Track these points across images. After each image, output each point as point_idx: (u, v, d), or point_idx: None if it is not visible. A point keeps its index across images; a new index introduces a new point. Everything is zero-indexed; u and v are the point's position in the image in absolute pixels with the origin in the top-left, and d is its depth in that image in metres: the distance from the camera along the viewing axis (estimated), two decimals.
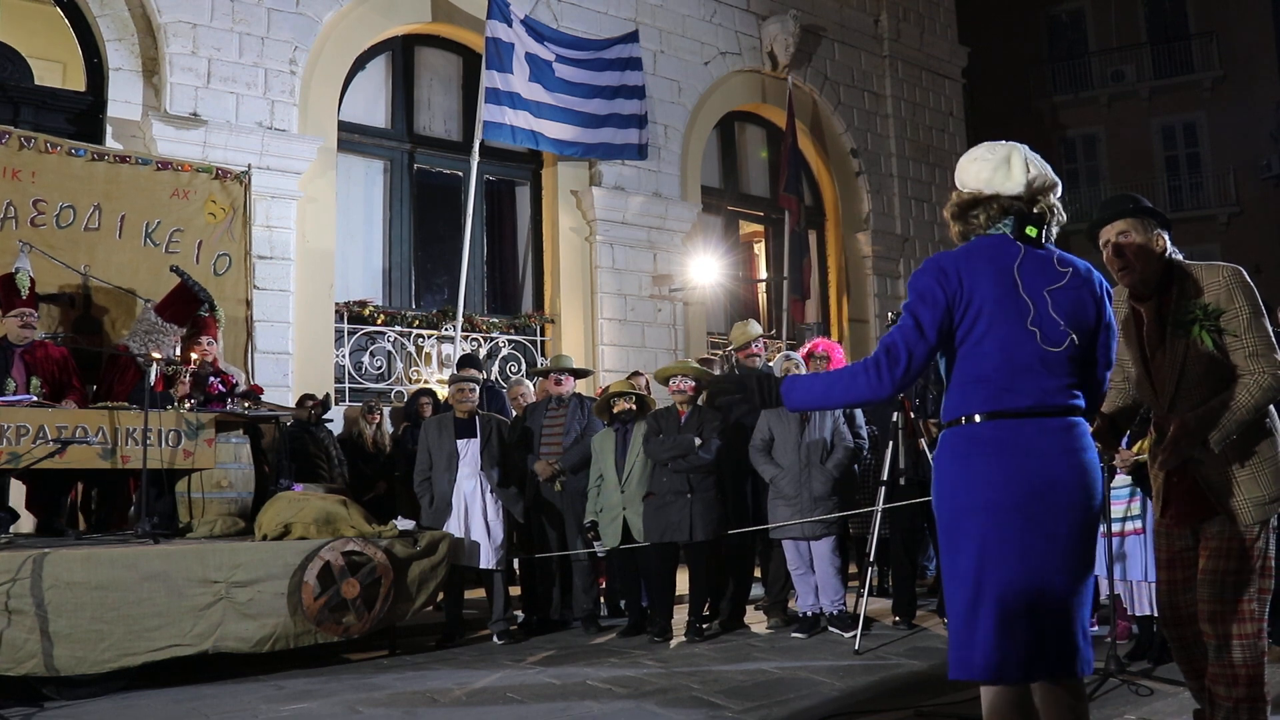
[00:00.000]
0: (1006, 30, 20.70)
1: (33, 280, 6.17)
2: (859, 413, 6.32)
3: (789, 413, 6.01)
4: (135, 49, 8.43)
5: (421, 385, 9.18)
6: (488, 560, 6.06)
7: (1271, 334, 2.85)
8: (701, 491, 5.94)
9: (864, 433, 6.30)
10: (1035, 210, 2.52)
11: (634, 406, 6.37)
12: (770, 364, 7.04)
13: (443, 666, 5.33)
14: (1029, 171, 2.51)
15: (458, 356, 8.77)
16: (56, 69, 9.56)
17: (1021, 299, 2.43)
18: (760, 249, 13.50)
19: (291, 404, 7.85)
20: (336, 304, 9.20)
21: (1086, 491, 2.41)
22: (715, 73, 12.05)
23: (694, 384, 6.24)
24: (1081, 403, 2.47)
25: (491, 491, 6.15)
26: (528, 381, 8.06)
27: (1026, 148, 2.59)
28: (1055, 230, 2.59)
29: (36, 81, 8.52)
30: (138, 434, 5.57)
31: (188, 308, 6.68)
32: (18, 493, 6.03)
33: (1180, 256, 3.00)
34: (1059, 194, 2.58)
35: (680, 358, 10.29)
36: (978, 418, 2.43)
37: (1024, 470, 2.38)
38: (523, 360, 10.32)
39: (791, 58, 12.44)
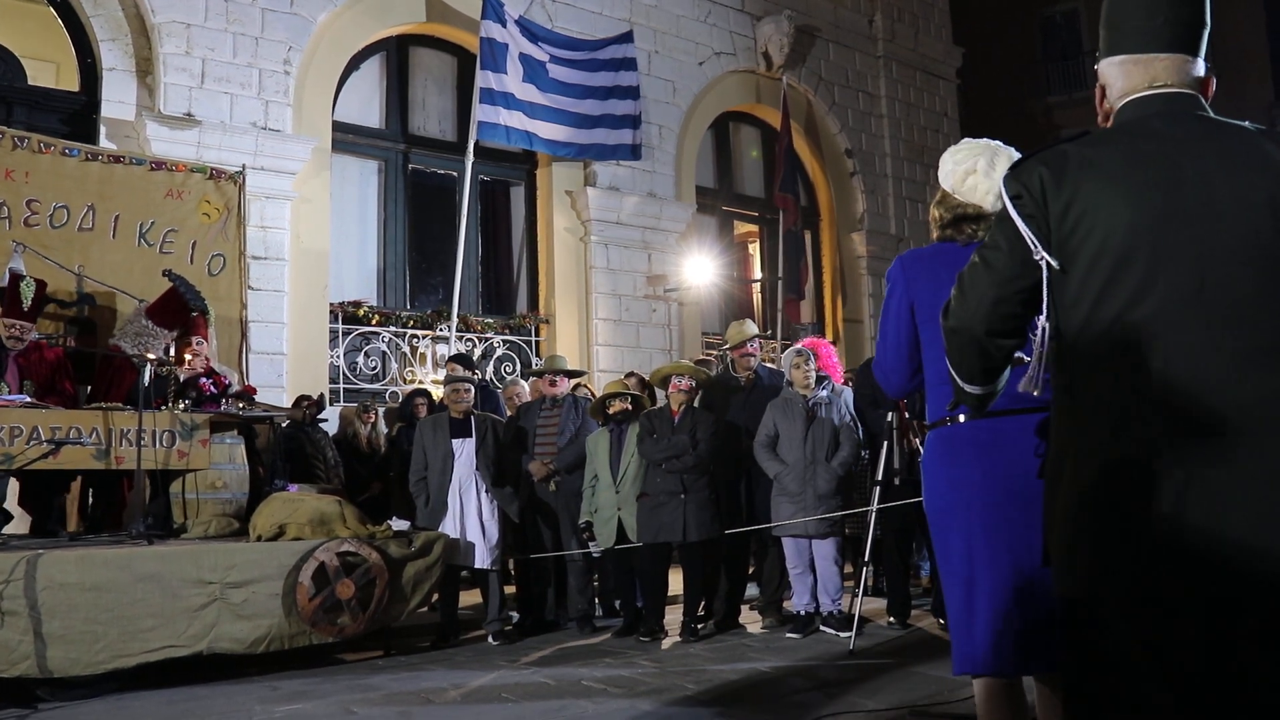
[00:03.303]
0: (1001, 31, 20.75)
1: (38, 286, 6.15)
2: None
3: (795, 409, 6.02)
4: (129, 49, 8.42)
5: (416, 386, 9.18)
6: (483, 560, 6.06)
7: None
8: (695, 492, 5.94)
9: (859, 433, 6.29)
10: None
11: (629, 407, 6.37)
12: (766, 365, 7.06)
13: (438, 667, 5.33)
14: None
15: (448, 355, 8.77)
16: (50, 69, 9.54)
17: None
18: (755, 249, 13.52)
19: (286, 404, 7.84)
20: (331, 304, 9.19)
21: None
22: (710, 73, 12.06)
23: (692, 383, 6.25)
24: None
25: (487, 492, 6.15)
26: (523, 382, 8.06)
27: (999, 144, 2.56)
28: None
29: (30, 82, 8.51)
30: (132, 435, 5.57)
31: (179, 313, 6.68)
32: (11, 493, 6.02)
33: None
34: None
35: (675, 358, 10.30)
36: (961, 418, 2.44)
37: (1003, 468, 2.38)
38: (517, 361, 10.32)
39: (786, 58, 12.46)
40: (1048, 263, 1.68)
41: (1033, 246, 1.69)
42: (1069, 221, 1.66)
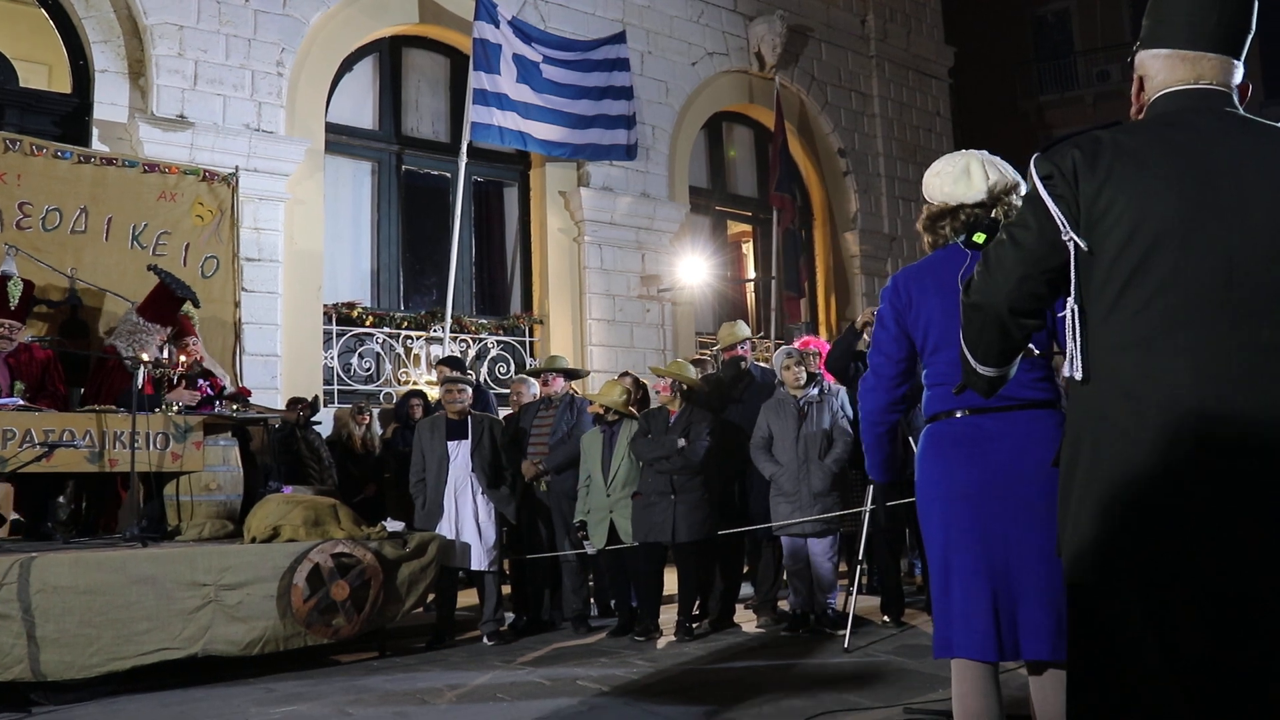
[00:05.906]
0: (993, 30, 20.79)
1: (26, 286, 6.13)
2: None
3: (787, 409, 6.04)
4: (121, 51, 8.40)
5: (411, 387, 9.17)
6: (479, 561, 6.06)
7: None
8: (685, 492, 5.95)
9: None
10: (994, 215, 2.57)
11: (600, 410, 6.42)
12: (759, 364, 7.06)
13: (433, 668, 5.33)
14: (988, 178, 2.60)
15: (438, 358, 8.76)
16: (42, 71, 9.52)
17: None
18: (748, 249, 13.53)
19: (280, 406, 7.83)
20: (325, 306, 9.19)
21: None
22: (703, 73, 12.07)
23: (667, 384, 6.31)
24: (1048, 395, 2.52)
25: (483, 493, 6.16)
26: (532, 380, 8.00)
27: (985, 154, 2.66)
28: None
29: (21, 84, 8.49)
30: (125, 437, 5.56)
31: (169, 306, 6.65)
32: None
33: None
34: (1023, 193, 2.63)
35: (669, 358, 10.31)
36: (957, 414, 2.53)
37: (982, 461, 2.47)
38: (511, 361, 10.32)
39: (779, 58, 12.48)
40: (1076, 244, 1.69)
41: (1062, 226, 1.70)
42: (1100, 205, 1.67)
